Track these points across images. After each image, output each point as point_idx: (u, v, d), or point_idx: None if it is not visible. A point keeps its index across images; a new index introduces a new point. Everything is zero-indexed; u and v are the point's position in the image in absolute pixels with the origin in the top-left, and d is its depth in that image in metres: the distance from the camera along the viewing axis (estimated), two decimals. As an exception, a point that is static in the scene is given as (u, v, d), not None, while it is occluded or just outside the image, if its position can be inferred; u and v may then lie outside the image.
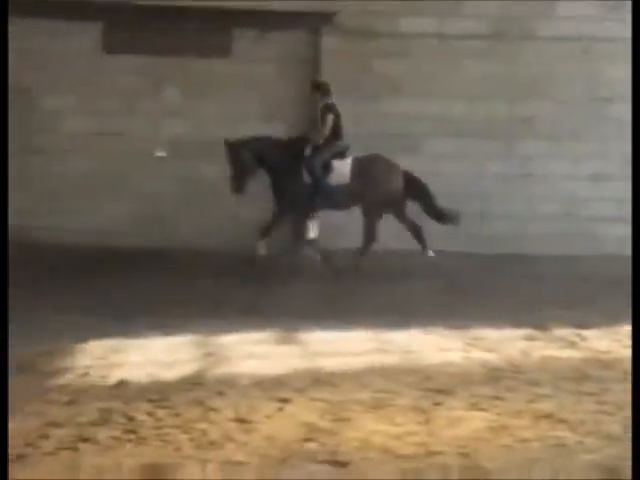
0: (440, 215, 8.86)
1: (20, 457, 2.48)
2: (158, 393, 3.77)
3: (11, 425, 2.68)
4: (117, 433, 2.94)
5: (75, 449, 2.60)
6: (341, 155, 8.57)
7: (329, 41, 9.62)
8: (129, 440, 2.82)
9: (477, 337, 5.59)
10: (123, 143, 9.73)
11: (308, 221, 9.17)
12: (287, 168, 8.59)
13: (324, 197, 8.72)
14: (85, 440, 2.78)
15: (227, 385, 3.99)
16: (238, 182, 8.55)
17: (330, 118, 8.25)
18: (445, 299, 7.13)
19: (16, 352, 4.01)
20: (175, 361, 4.68)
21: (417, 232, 8.72)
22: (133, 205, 9.61)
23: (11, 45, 6.00)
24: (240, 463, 2.47)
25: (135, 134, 9.79)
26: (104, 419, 3.20)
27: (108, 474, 2.43)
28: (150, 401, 3.50)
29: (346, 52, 9.55)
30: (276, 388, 3.83)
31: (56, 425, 3.05)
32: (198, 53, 9.61)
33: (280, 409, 3.38)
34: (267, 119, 9.84)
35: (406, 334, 5.53)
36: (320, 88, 8.43)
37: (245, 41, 9.78)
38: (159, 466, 2.52)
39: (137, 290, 7.12)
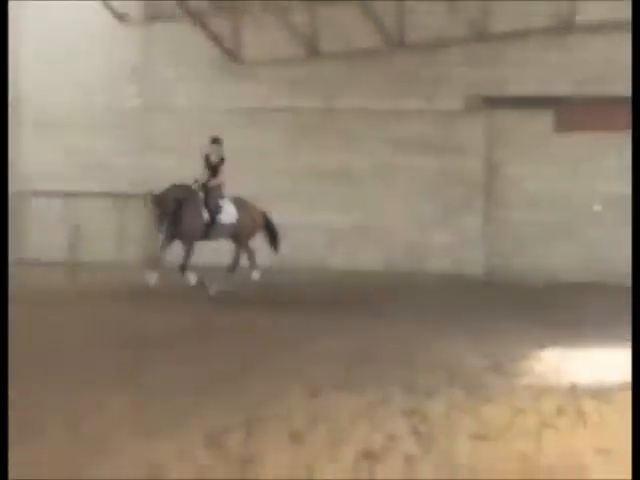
0: (278, 245, 11.43)
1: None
2: (602, 393, 4.85)
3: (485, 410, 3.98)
4: (570, 422, 3.90)
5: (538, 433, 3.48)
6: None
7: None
8: (580, 427, 3.82)
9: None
10: (568, 199, 12.59)
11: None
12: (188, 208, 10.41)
13: (216, 231, 10.69)
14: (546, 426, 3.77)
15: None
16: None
17: (223, 167, 10.15)
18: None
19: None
20: (615, 367, 5.77)
21: (252, 256, 11.21)
22: (578, 248, 12.37)
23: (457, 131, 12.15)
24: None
25: (577, 192, 12.60)
26: (560, 411, 4.15)
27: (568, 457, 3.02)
28: (594, 399, 4.56)
29: None
30: None
31: (523, 413, 4.09)
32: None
33: None
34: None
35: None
36: (218, 141, 10.08)
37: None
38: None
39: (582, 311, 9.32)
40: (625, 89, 9.76)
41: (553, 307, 10.24)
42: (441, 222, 13.39)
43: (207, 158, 10.02)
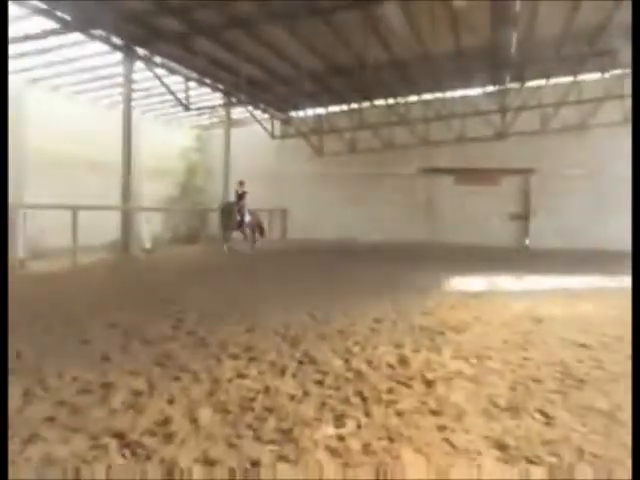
0: (263, 233, 19.98)
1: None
2: (476, 295, 9.82)
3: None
4: (461, 306, 9.19)
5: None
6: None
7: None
8: (465, 308, 9.06)
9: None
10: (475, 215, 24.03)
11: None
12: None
13: (243, 226, 18.71)
14: (452, 308, 8.91)
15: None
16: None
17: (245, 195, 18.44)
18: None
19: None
20: (481, 283, 11.16)
21: (254, 237, 19.29)
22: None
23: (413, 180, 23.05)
24: None
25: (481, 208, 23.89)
26: (457, 301, 9.24)
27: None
28: (473, 297, 10.93)
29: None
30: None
31: (443, 303, 9.58)
32: None
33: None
34: None
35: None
36: (242, 183, 18.32)
37: None
38: None
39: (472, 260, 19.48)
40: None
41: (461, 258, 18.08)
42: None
43: (236, 191, 18.47)
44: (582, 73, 19.89)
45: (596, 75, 20.16)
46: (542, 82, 20.90)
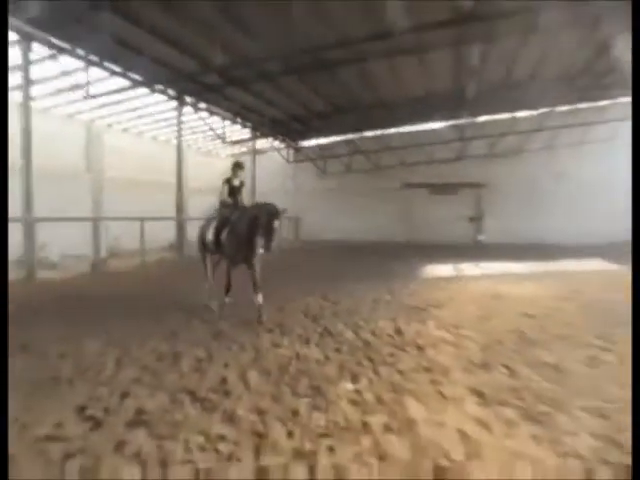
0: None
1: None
2: (447, 279, 15.73)
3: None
4: (429, 286, 11.24)
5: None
6: None
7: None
8: (437, 288, 14.44)
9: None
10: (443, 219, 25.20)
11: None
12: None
13: None
14: (430, 286, 14.03)
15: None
16: None
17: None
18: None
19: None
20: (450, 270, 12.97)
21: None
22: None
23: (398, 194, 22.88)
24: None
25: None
26: (428, 283, 10.47)
27: None
28: (446, 282, 15.42)
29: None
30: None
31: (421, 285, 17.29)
32: None
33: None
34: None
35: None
36: (241, 167, 7.19)
37: None
38: None
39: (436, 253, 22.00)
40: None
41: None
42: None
43: (228, 181, 7.05)
44: (518, 111, 20.21)
45: (528, 112, 20.50)
46: (489, 117, 21.34)
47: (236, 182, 7.08)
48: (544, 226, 21.47)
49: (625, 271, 10.97)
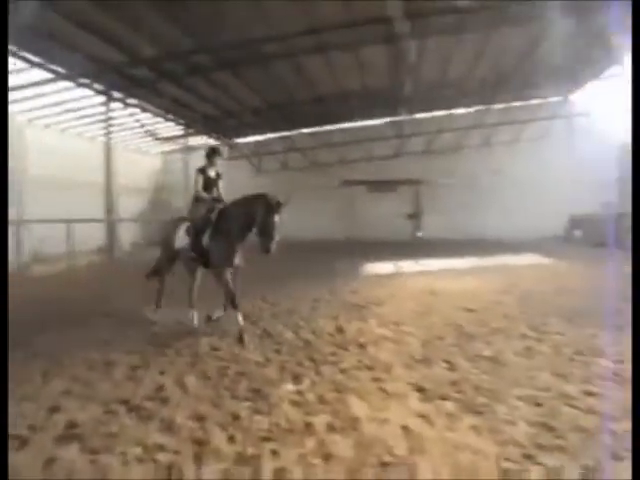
0: None
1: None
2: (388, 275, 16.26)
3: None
4: (372, 282, 13.04)
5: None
6: None
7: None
8: (379, 284, 16.22)
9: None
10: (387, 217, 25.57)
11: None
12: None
13: None
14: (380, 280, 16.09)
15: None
16: None
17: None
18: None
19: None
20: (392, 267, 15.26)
21: None
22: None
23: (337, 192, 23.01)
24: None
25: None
26: (372, 279, 12.87)
27: None
28: (387, 278, 18.01)
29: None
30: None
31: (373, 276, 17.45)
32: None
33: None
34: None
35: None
36: (218, 153, 6.08)
37: None
38: None
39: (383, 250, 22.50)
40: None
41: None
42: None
43: (202, 171, 5.93)
44: (454, 108, 20.72)
45: (464, 110, 21.12)
46: (426, 115, 21.75)
47: (212, 173, 6.01)
48: (483, 222, 22.28)
49: (556, 264, 11.83)
